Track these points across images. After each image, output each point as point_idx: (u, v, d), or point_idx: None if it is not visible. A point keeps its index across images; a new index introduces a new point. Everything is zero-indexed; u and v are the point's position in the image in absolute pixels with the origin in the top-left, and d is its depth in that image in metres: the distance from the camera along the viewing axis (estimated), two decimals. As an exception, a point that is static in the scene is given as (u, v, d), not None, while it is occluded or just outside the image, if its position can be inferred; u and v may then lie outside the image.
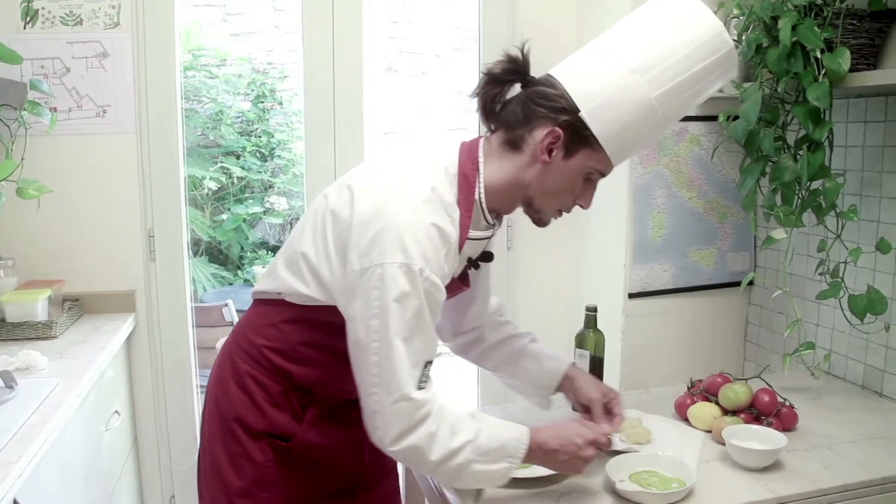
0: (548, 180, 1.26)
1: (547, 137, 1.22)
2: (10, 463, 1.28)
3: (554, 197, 1.29)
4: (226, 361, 1.37)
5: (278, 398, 1.33)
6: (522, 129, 1.25)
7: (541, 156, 1.23)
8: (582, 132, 1.22)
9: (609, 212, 2.27)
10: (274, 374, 1.32)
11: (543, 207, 1.31)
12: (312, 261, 1.26)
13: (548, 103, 1.23)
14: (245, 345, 1.35)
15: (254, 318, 1.38)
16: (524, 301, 2.57)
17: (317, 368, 1.33)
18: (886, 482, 1.42)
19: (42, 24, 2.15)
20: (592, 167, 1.26)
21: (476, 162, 1.28)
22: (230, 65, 5.17)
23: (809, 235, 2.02)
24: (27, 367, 1.76)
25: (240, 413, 1.32)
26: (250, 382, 1.33)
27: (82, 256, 2.26)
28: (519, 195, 1.30)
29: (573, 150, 1.23)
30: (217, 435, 1.35)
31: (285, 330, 1.32)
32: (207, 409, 1.41)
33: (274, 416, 1.32)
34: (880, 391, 1.85)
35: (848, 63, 1.59)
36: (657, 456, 1.45)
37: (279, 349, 1.32)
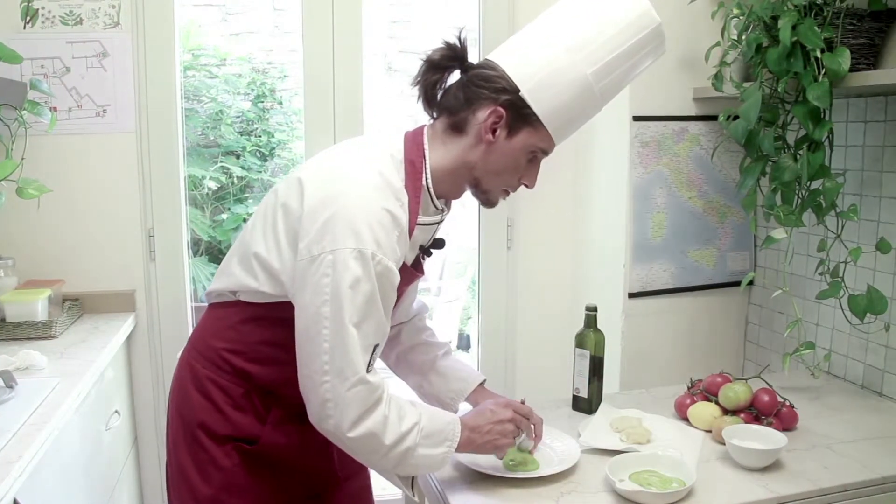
0: (493, 160, 1.28)
1: (490, 117, 1.24)
2: (10, 463, 1.28)
3: (499, 176, 1.30)
4: (185, 368, 1.37)
5: (240, 401, 1.32)
6: (465, 112, 1.27)
7: (485, 135, 1.25)
8: (523, 111, 1.25)
9: (609, 212, 2.27)
10: (234, 376, 1.32)
11: (490, 188, 1.32)
12: (263, 256, 1.26)
13: (488, 84, 1.25)
14: (203, 349, 1.35)
15: (210, 321, 1.38)
16: (524, 301, 2.57)
17: (277, 367, 1.32)
18: (886, 482, 1.42)
19: (42, 24, 2.15)
20: (535, 145, 1.28)
21: (421, 147, 1.30)
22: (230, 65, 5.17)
23: (809, 235, 2.02)
24: (27, 366, 1.76)
25: (202, 419, 1.32)
26: (211, 387, 1.32)
27: (82, 256, 2.26)
28: (466, 177, 1.31)
29: (516, 128, 1.26)
30: (181, 443, 1.34)
31: (243, 331, 1.32)
32: (170, 417, 1.40)
33: (237, 420, 1.32)
34: (880, 391, 1.85)
35: (848, 63, 1.59)
36: (657, 456, 1.44)
37: (238, 350, 1.32)
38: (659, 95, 2.14)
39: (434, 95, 1.32)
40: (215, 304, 1.38)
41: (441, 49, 1.29)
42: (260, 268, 1.27)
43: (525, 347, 2.59)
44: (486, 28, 2.44)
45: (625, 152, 2.14)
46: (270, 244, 1.26)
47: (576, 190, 2.52)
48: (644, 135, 2.14)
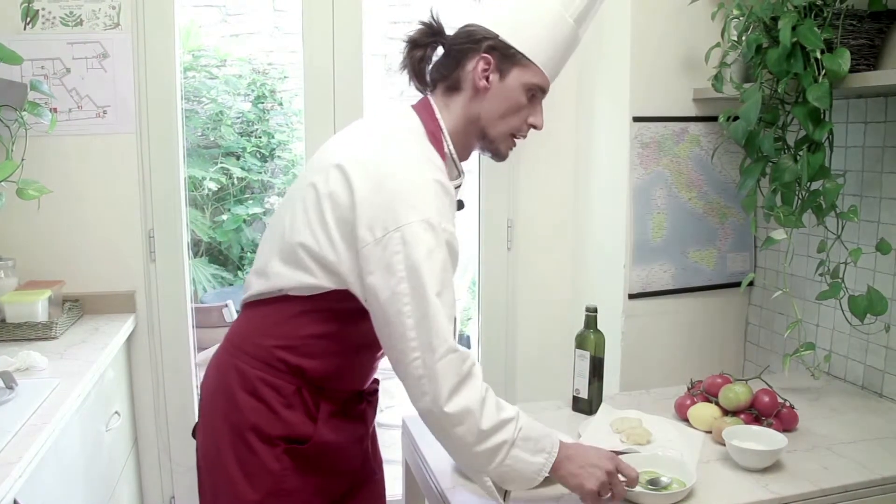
0: (493, 106, 1.32)
1: (479, 64, 1.30)
2: (11, 463, 1.28)
3: (503, 119, 1.34)
4: (229, 372, 1.34)
5: (292, 399, 1.31)
6: (457, 70, 1.33)
7: (479, 83, 1.31)
8: (508, 52, 1.30)
9: (609, 212, 2.27)
10: (286, 373, 1.31)
11: (497, 135, 1.35)
12: (314, 249, 1.25)
13: (468, 38, 1.33)
14: (252, 349, 1.32)
15: (254, 320, 1.36)
16: (524, 301, 2.57)
17: (329, 360, 1.32)
18: (886, 482, 1.42)
19: (42, 25, 2.15)
20: (529, 81, 1.32)
21: (435, 118, 1.34)
22: (230, 65, 5.17)
23: (809, 236, 2.02)
24: (27, 367, 1.76)
25: (254, 421, 1.30)
26: (262, 387, 1.30)
27: (82, 257, 2.26)
28: (474, 132, 1.35)
29: (506, 70, 1.31)
30: (228, 449, 1.31)
31: (293, 325, 1.30)
32: (210, 424, 1.36)
33: (289, 418, 1.31)
34: (880, 392, 1.85)
35: (848, 63, 1.59)
36: (657, 456, 1.45)
37: (290, 346, 1.30)
38: (659, 96, 2.14)
39: (422, 71, 1.37)
40: (255, 303, 1.36)
41: (419, 28, 1.37)
42: (313, 261, 1.26)
43: (525, 348, 2.59)
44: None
45: (625, 153, 2.14)
46: (321, 237, 1.24)
47: (576, 191, 2.52)
48: (644, 136, 2.14)
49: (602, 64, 2.30)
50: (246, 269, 5.10)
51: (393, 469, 1.74)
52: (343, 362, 1.34)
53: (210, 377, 1.39)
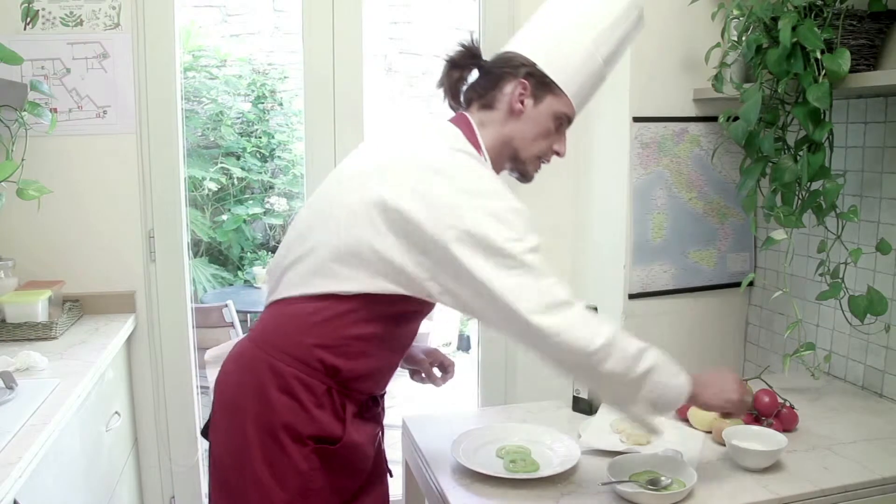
0: (526, 128, 1.40)
1: (517, 89, 1.38)
2: (11, 464, 1.28)
3: (534, 142, 1.42)
4: (262, 370, 1.32)
5: (322, 398, 1.31)
6: (494, 91, 1.41)
7: (515, 105, 1.39)
8: (543, 80, 1.39)
9: (609, 212, 2.27)
10: (321, 372, 1.31)
11: (527, 157, 1.43)
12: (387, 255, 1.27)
13: (508, 64, 1.41)
14: (290, 347, 1.31)
15: (295, 318, 1.33)
16: (524, 302, 2.57)
17: (366, 361, 1.34)
18: (886, 482, 1.42)
19: (42, 25, 2.15)
20: (560, 111, 1.41)
21: (475, 136, 1.40)
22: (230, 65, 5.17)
23: (809, 236, 2.02)
24: (27, 367, 1.76)
25: (287, 420, 1.29)
26: (297, 385, 1.30)
27: (82, 257, 2.26)
28: (507, 152, 1.42)
29: (540, 96, 1.39)
30: (256, 449, 1.30)
31: (337, 325, 1.30)
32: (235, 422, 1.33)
33: (320, 418, 1.31)
34: (880, 392, 1.85)
35: (848, 64, 1.59)
36: (657, 456, 1.45)
37: (329, 345, 1.30)
38: (659, 96, 2.14)
39: (458, 91, 1.46)
40: (294, 300, 1.34)
41: (459, 49, 1.44)
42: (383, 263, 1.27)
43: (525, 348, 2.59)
44: (486, 28, 2.44)
45: (625, 153, 2.14)
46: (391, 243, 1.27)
47: (576, 191, 2.52)
48: (644, 136, 2.14)
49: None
50: (246, 269, 5.10)
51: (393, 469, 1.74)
52: (377, 364, 1.36)
53: (234, 373, 1.37)
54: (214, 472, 1.38)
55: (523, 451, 1.50)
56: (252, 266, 4.98)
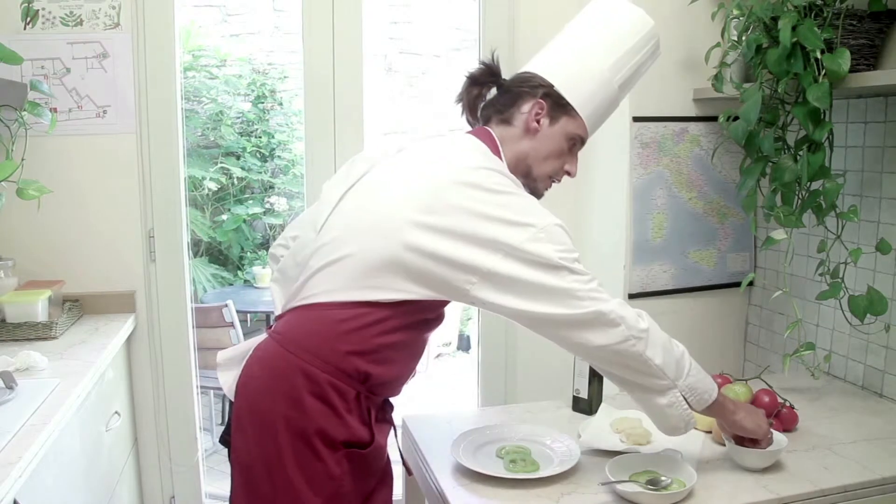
0: (541, 147, 1.45)
1: (534, 108, 1.44)
2: (10, 463, 1.28)
3: (547, 161, 1.46)
4: (296, 375, 1.30)
5: (352, 403, 1.32)
6: (512, 109, 1.46)
7: (531, 123, 1.44)
8: (560, 101, 1.44)
9: (609, 212, 2.27)
10: (353, 378, 1.31)
11: (539, 174, 1.47)
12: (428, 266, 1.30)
13: (527, 83, 1.46)
14: (325, 353, 1.31)
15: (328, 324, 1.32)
16: (524, 301, 2.57)
17: (395, 367, 1.37)
18: (886, 482, 1.42)
19: (42, 25, 2.15)
20: (574, 132, 1.46)
21: (500, 153, 1.44)
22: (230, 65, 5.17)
23: (809, 236, 2.02)
24: (27, 367, 1.76)
25: (322, 425, 1.29)
26: (331, 391, 1.30)
27: (82, 257, 2.26)
28: (521, 168, 1.45)
29: (556, 117, 1.44)
30: (289, 455, 1.29)
31: (371, 332, 1.31)
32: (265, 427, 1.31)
33: (351, 423, 1.31)
34: (880, 392, 1.85)
35: (848, 63, 1.59)
36: (657, 456, 1.45)
37: (361, 352, 1.31)
38: (659, 96, 2.14)
39: (477, 107, 1.51)
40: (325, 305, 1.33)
41: (480, 67, 1.50)
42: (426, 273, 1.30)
43: (525, 348, 2.59)
44: (486, 28, 2.44)
45: (625, 153, 2.14)
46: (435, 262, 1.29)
47: (576, 190, 2.52)
48: (644, 135, 2.14)
49: (602, 64, 2.30)
50: (246, 269, 5.10)
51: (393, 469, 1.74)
52: (402, 370, 1.39)
53: (261, 378, 1.34)
54: (241, 479, 1.34)
55: (523, 451, 1.51)
56: (252, 266, 4.98)
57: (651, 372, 1.32)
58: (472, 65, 1.55)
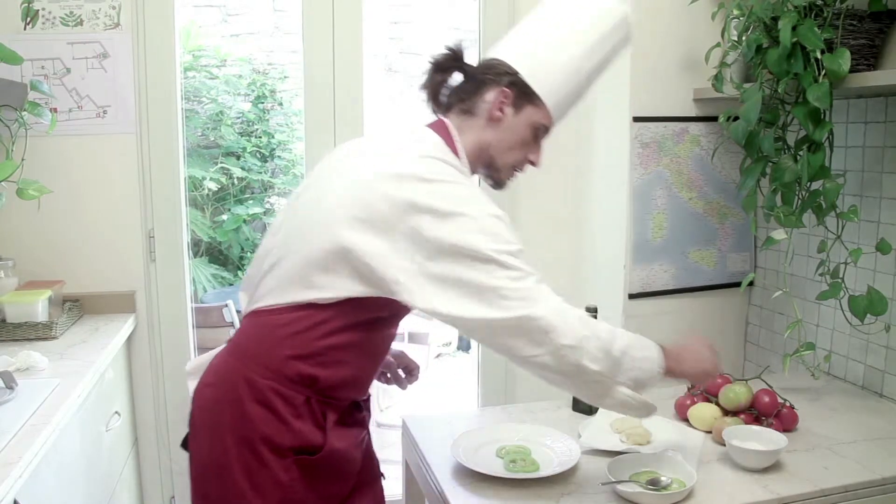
0: (504, 137, 1.40)
1: (498, 97, 1.38)
2: (11, 463, 1.28)
3: (511, 151, 1.41)
4: (240, 384, 1.31)
5: (301, 409, 1.31)
6: (475, 98, 1.40)
7: (495, 112, 1.38)
8: (525, 90, 1.38)
9: (609, 212, 2.27)
10: (298, 383, 1.30)
11: (502, 164, 1.43)
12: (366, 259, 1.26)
13: (492, 71, 1.40)
14: (265, 359, 1.31)
15: (271, 329, 1.33)
16: (524, 301, 2.57)
17: (344, 369, 1.33)
18: (886, 482, 1.42)
19: (42, 25, 2.15)
20: (539, 121, 1.40)
21: (453, 141, 1.39)
22: (230, 65, 5.17)
23: (809, 236, 2.02)
24: (27, 367, 1.76)
25: (266, 432, 1.29)
26: (273, 397, 1.29)
27: (82, 257, 2.26)
28: (483, 158, 1.41)
29: (520, 106, 1.38)
30: (235, 463, 1.29)
31: (314, 335, 1.30)
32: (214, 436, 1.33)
33: (300, 428, 1.30)
34: (880, 392, 1.85)
35: (848, 64, 1.59)
36: (657, 456, 1.45)
37: (306, 356, 1.30)
38: (659, 96, 2.14)
39: (439, 94, 1.45)
40: (270, 311, 1.33)
41: (444, 53, 1.44)
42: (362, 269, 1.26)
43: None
44: (486, 28, 2.44)
45: (625, 153, 2.14)
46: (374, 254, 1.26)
47: (576, 191, 2.52)
48: (644, 135, 2.14)
49: (602, 64, 2.30)
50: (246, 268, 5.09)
51: (393, 469, 1.74)
52: (355, 372, 1.35)
53: (212, 387, 1.36)
54: (195, 485, 1.37)
55: (523, 451, 1.50)
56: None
57: (591, 378, 1.26)
58: None
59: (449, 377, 4.83)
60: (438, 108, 1.45)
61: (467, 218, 1.23)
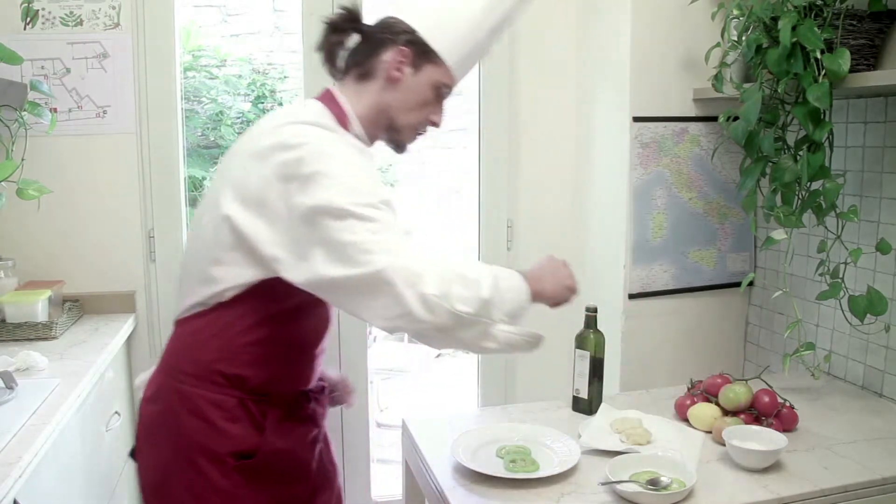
0: (404, 97, 1.36)
1: (395, 56, 1.34)
2: (10, 464, 1.28)
3: (411, 112, 1.38)
4: (170, 396, 1.32)
5: (235, 412, 1.30)
6: (372, 59, 1.37)
7: (393, 73, 1.34)
8: (424, 48, 1.34)
9: (609, 212, 2.27)
10: (227, 387, 1.30)
11: (403, 125, 1.39)
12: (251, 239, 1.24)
13: (389, 30, 1.36)
14: (190, 368, 1.31)
15: (189, 336, 1.33)
16: (524, 301, 2.57)
17: (269, 365, 1.32)
18: (886, 482, 1.42)
19: (42, 25, 2.15)
20: (439, 80, 1.37)
21: (340, 105, 1.36)
22: (230, 65, 5.17)
23: (809, 236, 2.02)
24: (27, 367, 1.76)
25: (200, 441, 1.28)
26: (204, 404, 1.29)
27: (82, 257, 2.26)
28: (382, 121, 1.38)
29: (419, 65, 1.35)
30: (174, 475, 1.30)
31: (230, 335, 1.29)
32: (153, 450, 1.34)
33: (235, 432, 1.29)
34: (880, 392, 1.85)
35: (848, 64, 1.59)
36: (657, 456, 1.45)
37: (227, 357, 1.29)
38: (659, 96, 2.14)
39: (336, 56, 1.42)
40: (187, 319, 1.34)
41: (339, 12, 1.41)
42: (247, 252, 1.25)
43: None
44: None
45: (625, 153, 2.14)
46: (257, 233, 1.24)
47: (576, 190, 2.52)
48: (644, 135, 2.14)
49: (602, 64, 2.30)
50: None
51: (393, 469, 1.74)
52: (286, 366, 1.34)
53: (150, 402, 1.36)
54: (142, 498, 1.38)
55: (523, 451, 1.50)
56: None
57: (467, 323, 1.20)
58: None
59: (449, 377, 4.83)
60: (336, 72, 1.42)
61: (327, 176, 1.19)
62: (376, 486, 2.60)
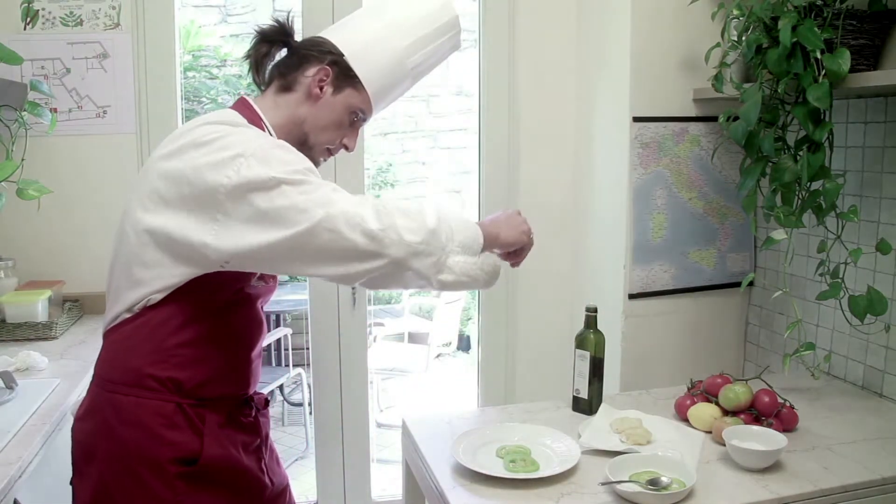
0: (320, 115, 1.40)
1: (318, 73, 1.38)
2: (10, 463, 1.28)
3: (325, 131, 1.41)
4: (104, 408, 1.29)
5: (174, 417, 1.27)
6: (296, 72, 1.40)
7: (313, 89, 1.38)
8: (347, 72, 1.39)
9: (609, 212, 2.27)
10: (162, 391, 1.27)
11: (316, 142, 1.42)
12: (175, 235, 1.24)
13: (316, 48, 1.41)
14: (122, 376, 1.29)
15: (119, 344, 1.31)
16: (524, 301, 2.57)
17: (203, 366, 1.30)
18: (886, 482, 1.42)
19: (42, 25, 2.15)
20: (357, 106, 1.42)
21: (254, 111, 1.38)
22: (230, 65, 5.17)
23: (809, 236, 2.02)
24: (27, 367, 1.77)
25: (139, 451, 1.26)
26: (140, 412, 1.26)
27: (82, 257, 2.26)
28: (296, 134, 1.40)
29: (340, 87, 1.39)
30: (114, 490, 1.27)
31: (160, 338, 1.27)
32: (91, 469, 1.31)
33: (175, 438, 1.27)
34: (880, 392, 1.85)
35: (848, 64, 1.59)
36: (657, 456, 1.45)
37: (159, 360, 1.27)
38: (659, 96, 2.14)
39: (263, 66, 1.44)
40: (115, 328, 1.32)
41: (272, 25, 1.43)
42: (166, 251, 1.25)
43: (525, 348, 2.59)
44: (485, 27, 2.44)
45: (625, 153, 2.14)
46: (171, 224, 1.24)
47: (576, 190, 2.52)
48: (644, 136, 2.14)
49: (602, 64, 2.30)
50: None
51: (393, 469, 1.74)
52: (222, 366, 1.32)
53: (82, 420, 1.33)
54: None
55: (523, 451, 1.50)
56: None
57: (419, 253, 1.22)
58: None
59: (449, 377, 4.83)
60: (261, 81, 1.44)
61: (246, 157, 1.19)
62: (376, 486, 2.60)
